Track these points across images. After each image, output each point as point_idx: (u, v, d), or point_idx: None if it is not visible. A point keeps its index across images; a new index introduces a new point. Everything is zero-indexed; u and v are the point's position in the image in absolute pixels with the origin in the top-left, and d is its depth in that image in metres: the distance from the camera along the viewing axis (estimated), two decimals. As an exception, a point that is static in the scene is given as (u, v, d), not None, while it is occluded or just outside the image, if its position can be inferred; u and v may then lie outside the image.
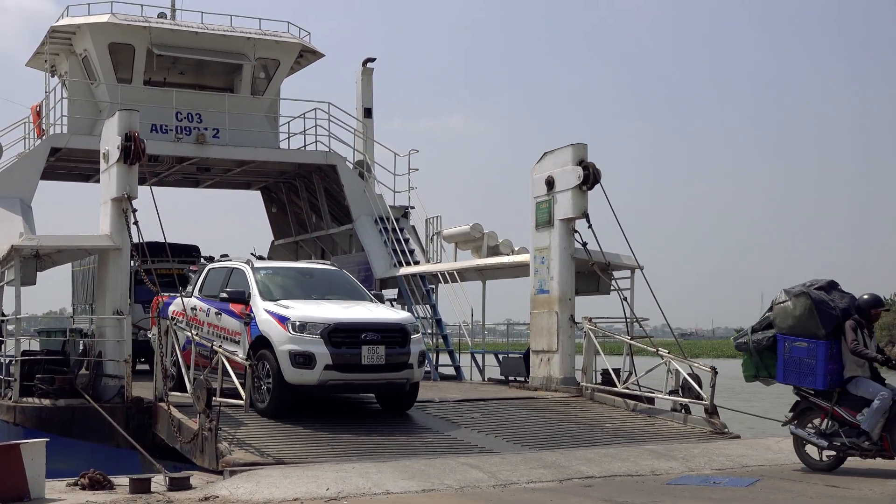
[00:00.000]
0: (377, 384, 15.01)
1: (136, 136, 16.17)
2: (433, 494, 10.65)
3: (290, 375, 14.29)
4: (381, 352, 14.49)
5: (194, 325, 15.97)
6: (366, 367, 14.46)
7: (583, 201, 18.25)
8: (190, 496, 10.58)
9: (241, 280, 16.02)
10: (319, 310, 14.92)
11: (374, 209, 26.26)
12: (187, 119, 25.73)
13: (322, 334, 14.30)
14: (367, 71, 29.05)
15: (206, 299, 16.55)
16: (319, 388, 14.49)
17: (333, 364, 14.23)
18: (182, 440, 13.48)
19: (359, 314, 15.13)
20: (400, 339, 14.84)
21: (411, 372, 14.96)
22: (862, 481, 11.63)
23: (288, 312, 14.66)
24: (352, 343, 14.42)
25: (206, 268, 17.52)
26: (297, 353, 14.22)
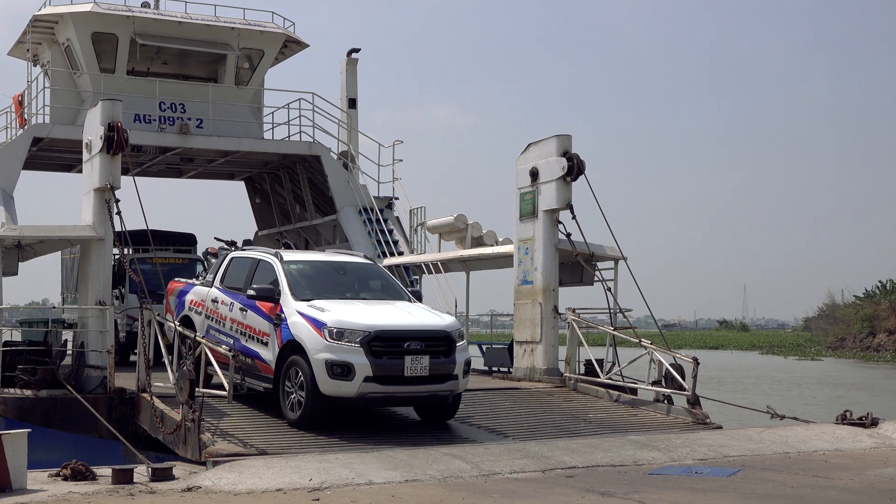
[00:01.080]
0: (420, 397, 13.90)
1: (119, 125, 16.12)
2: (416, 485, 10.66)
3: (325, 386, 13.17)
4: (426, 362, 13.39)
5: (214, 318, 15.41)
6: (408, 380, 13.34)
7: (567, 192, 18.27)
8: (172, 487, 10.56)
9: (268, 274, 14.83)
10: (358, 314, 13.69)
11: (359, 200, 26.24)
12: (171, 109, 25.65)
13: (362, 343, 13.17)
14: (351, 61, 29.00)
15: (229, 291, 15.41)
16: (358, 401, 13.33)
17: (374, 376, 13.11)
18: (165, 431, 13.46)
19: (401, 319, 13.90)
20: (445, 348, 13.72)
21: (456, 383, 13.84)
22: (843, 470, 11.71)
23: (324, 317, 13.47)
24: (394, 353, 13.30)
25: (228, 256, 16.33)
26: (335, 363, 13.09)
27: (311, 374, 13.23)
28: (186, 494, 10.17)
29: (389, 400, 13.81)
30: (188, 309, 16.19)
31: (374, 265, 16.30)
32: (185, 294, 16.51)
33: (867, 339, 75.80)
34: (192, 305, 16.10)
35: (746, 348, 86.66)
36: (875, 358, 66.59)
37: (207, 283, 16.11)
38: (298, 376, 13.46)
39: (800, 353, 75.46)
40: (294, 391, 13.56)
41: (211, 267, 16.86)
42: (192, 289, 16.40)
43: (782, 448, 13.34)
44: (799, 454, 13.07)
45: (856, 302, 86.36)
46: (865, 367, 58.22)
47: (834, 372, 52.84)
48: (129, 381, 15.75)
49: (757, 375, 49.69)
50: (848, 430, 14.68)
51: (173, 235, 27.34)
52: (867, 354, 69.57)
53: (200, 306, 15.82)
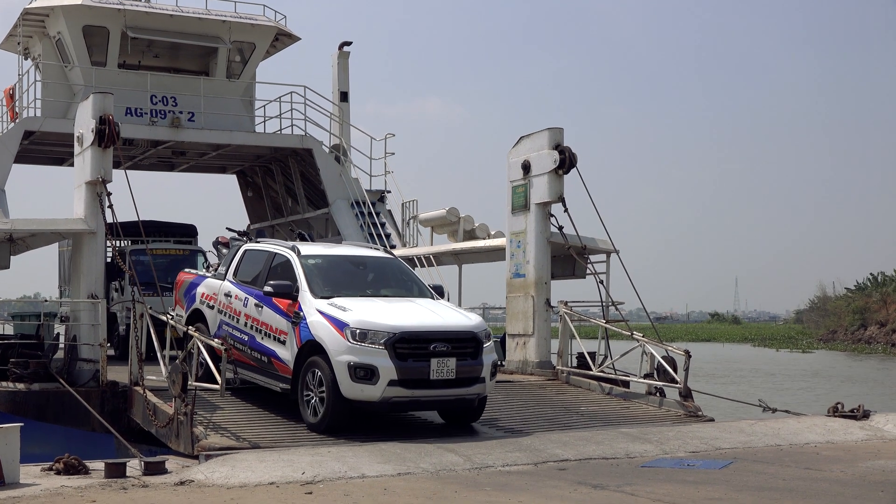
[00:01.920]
0: (446, 401, 13.37)
1: (110, 119, 16.08)
2: (409, 478, 10.67)
3: (348, 390, 12.63)
4: (452, 365, 12.87)
5: (228, 313, 14.90)
6: (434, 383, 12.81)
7: (559, 185, 18.28)
8: (165, 481, 10.56)
9: (285, 269, 14.24)
10: (381, 313, 13.08)
11: (350, 193, 26.25)
12: (162, 102, 25.63)
13: (386, 344, 12.61)
14: (343, 55, 29.02)
15: (243, 286, 14.83)
16: (381, 406, 12.79)
17: (398, 379, 12.57)
18: (157, 424, 13.45)
19: (426, 319, 13.28)
20: (472, 350, 13.18)
21: (483, 386, 13.35)
22: (834, 463, 11.75)
23: (346, 317, 12.89)
24: (419, 355, 12.75)
25: (242, 248, 15.64)
26: (358, 366, 12.55)
27: (332, 377, 12.68)
28: (179, 488, 10.17)
29: (414, 404, 13.27)
30: (199, 302, 15.72)
31: (394, 259, 15.68)
32: (195, 287, 15.99)
33: (858, 331, 76.00)
34: (204, 299, 15.60)
35: (738, 341, 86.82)
36: (866, 350, 66.79)
37: (220, 276, 15.54)
38: (318, 378, 12.91)
39: (791, 346, 75.66)
40: (314, 394, 13.03)
41: (223, 259, 16.19)
42: (204, 281, 15.87)
43: (774, 441, 13.37)
44: (791, 446, 13.11)
45: (847, 294, 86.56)
46: (857, 360, 58.38)
47: (825, 364, 52.98)
48: (121, 375, 15.74)
49: (748, 368, 49.81)
50: (839, 422, 14.73)
51: (173, 226, 27.29)
52: (858, 347, 69.77)
53: (213, 300, 15.31)
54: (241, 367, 14.52)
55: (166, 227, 27.11)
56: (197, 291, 15.85)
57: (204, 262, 23.90)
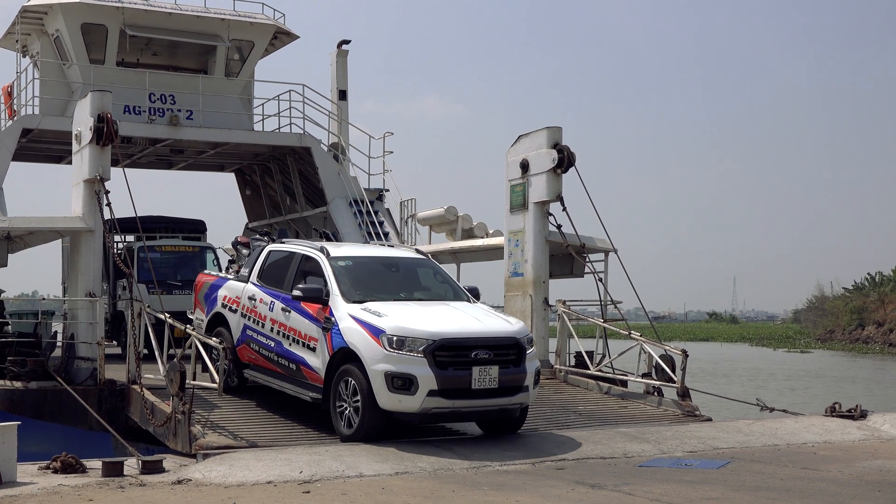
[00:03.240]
0: (488, 411, 12.61)
1: (108, 117, 16.08)
2: (407, 477, 10.67)
3: (385, 400, 11.97)
4: (494, 373, 12.14)
5: (252, 317, 14.24)
6: (475, 393, 12.09)
7: (557, 184, 18.28)
8: (163, 479, 10.55)
9: (314, 271, 13.60)
10: (419, 319, 12.38)
11: (349, 192, 26.22)
12: (161, 100, 25.58)
13: (425, 352, 11.91)
14: (342, 53, 28.99)
15: (268, 289, 14.17)
16: (420, 417, 12.12)
17: (438, 389, 11.86)
18: (155, 423, 13.44)
19: (467, 325, 12.58)
20: (515, 357, 12.47)
21: (526, 395, 12.68)
22: (832, 462, 11.76)
23: (382, 323, 12.20)
24: (460, 363, 12.03)
25: (265, 249, 14.92)
26: (395, 375, 11.85)
27: (367, 387, 12.01)
28: (177, 487, 10.16)
29: (454, 415, 12.53)
30: (221, 306, 15.10)
31: (427, 260, 14.94)
32: (217, 289, 15.34)
33: (856, 331, 76.12)
34: (226, 302, 14.96)
35: (736, 340, 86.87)
36: (864, 350, 66.87)
37: (242, 278, 14.89)
38: (352, 388, 12.25)
39: (789, 346, 75.73)
40: (347, 404, 12.38)
41: (244, 260, 15.58)
42: (225, 283, 15.24)
43: (772, 440, 13.38)
44: (788, 446, 13.11)
45: (845, 294, 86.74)
46: (854, 360, 58.43)
47: (823, 364, 53.01)
48: (119, 373, 15.73)
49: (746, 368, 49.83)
50: (837, 422, 14.74)
51: (182, 222, 27.20)
52: (856, 346, 69.86)
53: (236, 304, 14.67)
54: (267, 374, 14.00)
55: (175, 223, 27.00)
56: (218, 294, 15.27)
57: (214, 259, 23.85)
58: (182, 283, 22.66)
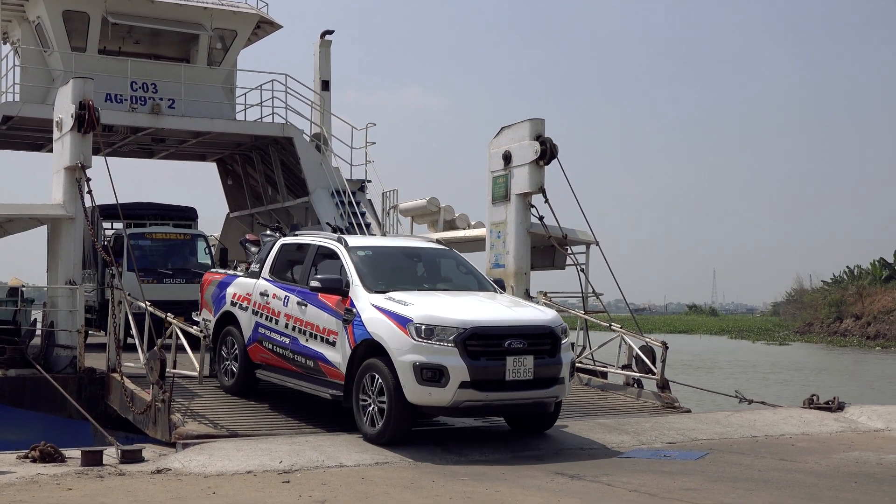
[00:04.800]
0: (522, 405, 11.89)
1: (90, 104, 16.02)
2: (387, 468, 10.69)
3: (413, 394, 11.24)
4: (529, 364, 11.47)
5: (265, 314, 13.61)
6: (509, 384, 11.41)
7: (539, 176, 18.31)
8: (142, 469, 10.53)
9: (332, 263, 12.96)
10: (448, 307, 11.74)
11: (331, 182, 26.16)
12: (142, 89, 25.46)
13: (456, 342, 11.23)
14: (325, 43, 28.92)
15: (282, 284, 13.57)
16: (451, 411, 11.51)
17: (471, 380, 11.17)
18: (135, 411, 13.42)
19: (498, 313, 11.96)
20: (550, 347, 11.79)
21: (562, 388, 11.96)
22: (809, 454, 11.84)
23: (408, 311, 11.52)
24: (493, 353, 11.35)
25: (278, 243, 14.31)
26: (425, 367, 11.15)
27: (394, 380, 11.30)
28: (156, 476, 10.15)
29: (487, 409, 11.80)
30: (230, 304, 14.44)
31: (449, 251, 14.28)
32: (225, 287, 14.71)
33: (834, 324, 76.47)
34: (236, 300, 14.31)
35: (715, 333, 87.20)
36: (842, 343, 67.20)
37: (253, 274, 14.26)
38: (378, 383, 11.54)
39: (768, 338, 76.05)
40: (372, 400, 11.67)
41: (255, 256, 14.92)
42: (235, 281, 14.62)
43: (750, 432, 13.46)
44: (766, 438, 13.20)
45: (823, 287, 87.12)
46: (832, 352, 58.77)
47: (801, 357, 53.29)
48: (99, 362, 15.69)
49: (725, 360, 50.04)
50: (815, 414, 14.85)
51: (172, 209, 27.04)
52: (834, 339, 70.21)
53: (247, 301, 14.01)
54: (282, 373, 13.38)
55: (165, 210, 26.85)
56: (227, 292, 14.61)
57: (206, 247, 23.77)
58: (173, 272, 22.59)
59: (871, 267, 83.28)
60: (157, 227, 25.00)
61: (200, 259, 23.39)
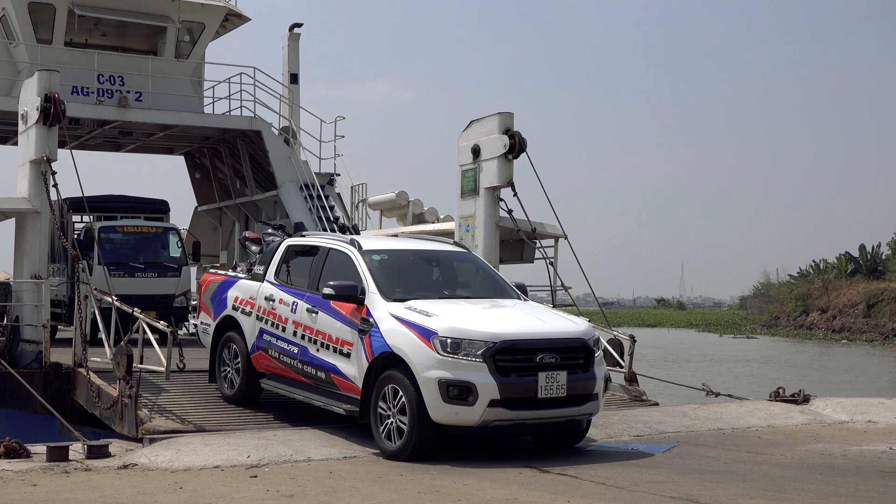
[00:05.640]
0: (554, 424, 11.14)
1: (56, 97, 15.88)
2: (355, 461, 10.69)
3: (439, 413, 10.49)
4: (563, 380, 10.74)
5: (270, 320, 12.77)
6: (541, 402, 10.68)
7: (508, 170, 18.32)
8: (108, 464, 10.47)
9: (344, 267, 12.08)
10: (475, 318, 10.98)
11: (300, 176, 26.08)
12: (109, 81, 25.24)
13: (485, 356, 10.46)
14: (293, 36, 28.79)
15: (289, 289, 12.73)
16: (479, 431, 10.65)
17: (501, 398, 10.43)
18: (101, 406, 13.32)
19: (529, 325, 11.15)
20: (583, 361, 11.06)
21: (596, 405, 11.26)
22: (775, 446, 11.94)
23: (432, 323, 10.73)
24: (524, 369, 10.63)
25: (283, 244, 13.44)
26: (451, 384, 10.40)
27: (417, 397, 10.56)
28: (122, 472, 10.09)
29: (518, 428, 10.96)
30: (232, 308, 13.61)
31: (467, 253, 13.52)
32: (226, 290, 13.85)
33: (800, 317, 77.15)
34: (238, 304, 13.46)
35: (683, 326, 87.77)
36: (808, 336, 67.81)
37: (257, 277, 13.42)
38: (399, 399, 10.79)
39: (735, 332, 76.64)
40: (392, 417, 10.88)
41: (257, 257, 14.13)
42: (237, 283, 13.72)
43: (717, 424, 13.56)
44: (733, 430, 13.31)
45: (790, 281, 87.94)
46: (798, 345, 59.28)
47: (768, 350, 53.71)
48: (65, 356, 15.58)
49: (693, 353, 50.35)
50: (780, 406, 14.98)
51: (144, 202, 26.84)
52: (800, 333, 70.83)
53: (250, 305, 13.21)
54: (290, 384, 12.60)
55: (136, 203, 26.65)
56: (228, 295, 13.77)
57: (178, 240, 23.64)
58: (145, 266, 22.46)
59: (836, 261, 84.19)
60: (129, 220, 24.81)
61: (173, 252, 23.28)
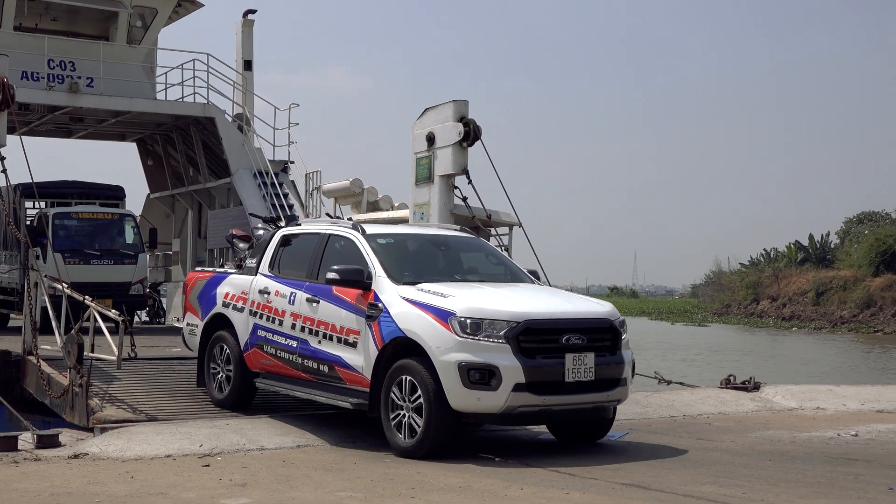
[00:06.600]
0: (582, 410, 10.51)
1: (5, 81, 15.64)
2: (308, 450, 10.67)
3: (459, 399, 9.84)
4: (590, 362, 10.13)
5: (265, 314, 12.07)
6: (568, 387, 10.06)
7: (463, 157, 18.34)
8: (59, 454, 10.37)
9: (347, 253, 11.44)
10: (494, 298, 10.37)
11: (253, 163, 25.92)
12: (60, 67, 24.93)
13: (507, 337, 9.85)
14: (247, 22, 28.58)
15: (285, 280, 12.02)
16: (503, 418, 10.14)
17: (526, 382, 9.81)
18: (52, 395, 13.18)
19: (552, 305, 10.59)
20: (610, 343, 10.50)
21: (624, 391, 10.69)
22: (726, 433, 12.08)
23: (449, 303, 10.09)
24: (550, 350, 10.03)
25: (277, 235, 12.75)
26: (472, 367, 9.75)
27: (434, 384, 9.91)
28: (73, 461, 10.01)
29: (544, 415, 10.41)
30: (222, 305, 12.85)
31: (476, 239, 12.93)
32: (215, 286, 13.11)
33: (751, 305, 77.96)
34: (229, 300, 12.72)
35: (636, 314, 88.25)
36: (758, 324, 68.54)
37: (249, 271, 12.69)
38: (411, 387, 10.15)
39: (687, 319, 77.27)
40: (405, 409, 10.26)
41: (250, 252, 13.30)
42: (226, 279, 13.01)
43: (668, 412, 13.69)
44: (684, 417, 13.44)
45: (741, 270, 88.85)
46: (749, 333, 59.91)
47: (719, 337, 54.25)
48: (14, 344, 15.39)
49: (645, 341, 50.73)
50: (731, 393, 15.15)
51: (99, 188, 26.52)
52: (751, 320, 71.57)
53: (242, 300, 12.47)
54: (288, 381, 11.90)
55: (91, 189, 26.33)
56: (217, 292, 13.01)
57: (133, 226, 23.45)
58: (101, 253, 22.27)
59: (786, 250, 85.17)
60: (83, 206, 24.54)
61: (129, 239, 23.13)
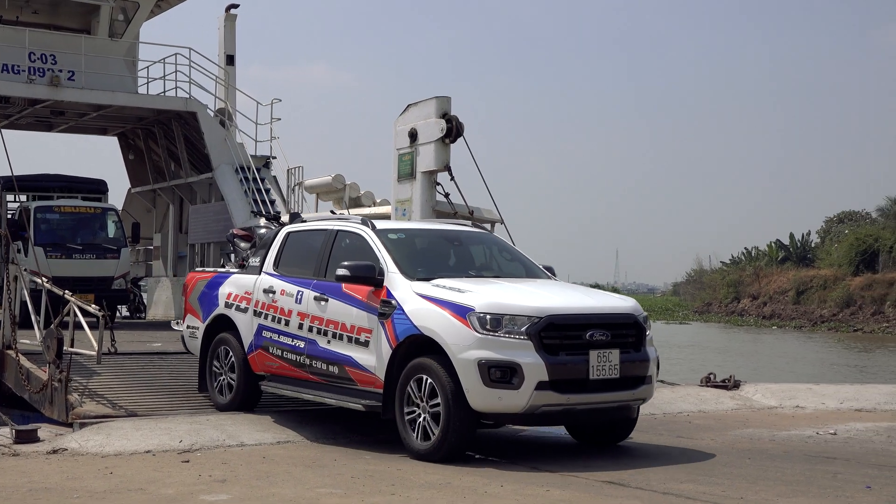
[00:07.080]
0: (606, 409, 10.15)
1: (-16, 75, 15.60)
2: (288, 446, 10.66)
3: (479, 399, 9.45)
4: (615, 359, 9.77)
5: (271, 315, 11.70)
6: (592, 385, 9.69)
7: (445, 154, 18.31)
8: (37, 449, 10.33)
9: (357, 249, 11.10)
10: (514, 293, 10.04)
11: (235, 158, 25.85)
12: (41, 60, 24.77)
13: (529, 333, 9.46)
14: (230, 17, 28.52)
15: (292, 278, 11.65)
16: (526, 418, 9.74)
17: (549, 380, 9.42)
18: (31, 390, 13.13)
19: (575, 300, 10.27)
20: (635, 339, 10.13)
21: (650, 389, 10.35)
22: (705, 431, 12.12)
23: (467, 299, 9.71)
24: (573, 346, 9.65)
25: (283, 232, 12.33)
26: (493, 364, 9.36)
27: (452, 383, 9.52)
28: (52, 457, 9.97)
29: (568, 415, 9.99)
30: (224, 306, 12.48)
31: (490, 234, 12.57)
32: (217, 286, 12.74)
33: (732, 303, 78.20)
34: (232, 301, 12.35)
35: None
36: (739, 322, 68.75)
37: (252, 270, 12.33)
38: (429, 387, 9.75)
39: (668, 318, 77.43)
40: (422, 410, 9.85)
41: (253, 251, 12.98)
42: (229, 279, 12.63)
43: (648, 410, 13.67)
44: (665, 415, 13.47)
45: (722, 268, 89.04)
46: (730, 331, 60.10)
47: (700, 336, 54.40)
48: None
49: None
50: (711, 392, 15.20)
51: (81, 181, 26.39)
52: (732, 319, 71.77)
53: (246, 301, 12.10)
54: (296, 383, 11.50)
55: (73, 182, 26.20)
56: (220, 292, 12.63)
57: (116, 220, 23.37)
58: (83, 247, 22.19)
59: (767, 248, 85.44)
60: (65, 199, 24.45)
61: (111, 234, 23.07)
